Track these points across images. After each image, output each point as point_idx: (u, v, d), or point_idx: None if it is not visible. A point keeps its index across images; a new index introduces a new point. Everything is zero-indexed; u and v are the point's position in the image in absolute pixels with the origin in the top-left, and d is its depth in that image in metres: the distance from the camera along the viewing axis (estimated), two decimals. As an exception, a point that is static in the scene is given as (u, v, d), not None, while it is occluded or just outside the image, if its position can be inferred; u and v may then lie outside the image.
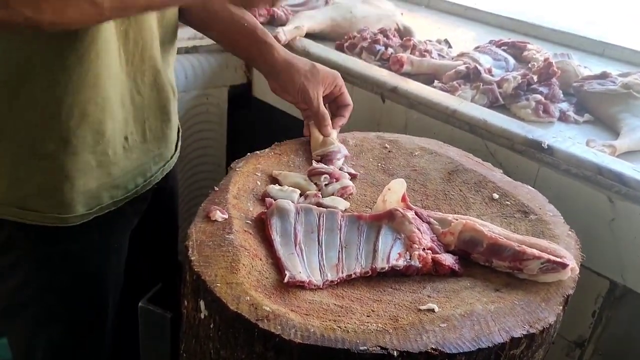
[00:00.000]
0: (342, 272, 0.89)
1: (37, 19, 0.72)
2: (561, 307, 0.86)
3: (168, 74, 1.16)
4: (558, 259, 0.90)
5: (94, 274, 1.14)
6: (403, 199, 1.03)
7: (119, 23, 0.98)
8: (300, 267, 0.88)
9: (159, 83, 1.12)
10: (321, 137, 1.22)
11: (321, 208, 1.00)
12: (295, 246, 0.92)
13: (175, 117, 1.23)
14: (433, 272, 0.92)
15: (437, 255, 0.93)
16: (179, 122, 1.29)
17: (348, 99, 1.28)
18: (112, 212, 1.09)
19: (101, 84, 0.98)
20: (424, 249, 0.93)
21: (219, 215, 0.96)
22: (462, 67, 1.65)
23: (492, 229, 0.96)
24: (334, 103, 1.29)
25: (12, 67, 0.92)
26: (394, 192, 1.03)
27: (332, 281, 0.88)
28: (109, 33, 0.96)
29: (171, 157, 1.25)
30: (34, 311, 1.12)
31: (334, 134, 1.24)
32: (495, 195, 1.12)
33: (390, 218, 0.98)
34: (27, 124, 0.96)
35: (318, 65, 1.25)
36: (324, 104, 1.25)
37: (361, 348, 0.75)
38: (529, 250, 0.91)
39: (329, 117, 1.24)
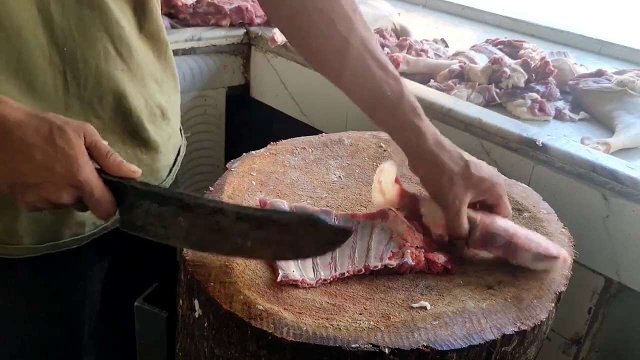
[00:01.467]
0: (336, 271, 0.90)
1: None
2: (553, 304, 0.86)
3: (153, 93, 1.04)
4: (549, 253, 0.90)
5: (67, 305, 1.06)
6: (396, 180, 1.02)
7: (62, 43, 0.89)
8: (293, 266, 0.89)
9: (124, 107, 0.98)
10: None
11: (315, 207, 1.01)
12: None
13: (159, 143, 1.08)
14: (426, 271, 0.93)
15: (429, 254, 0.94)
16: (180, 145, 1.19)
17: (505, 210, 0.98)
18: (74, 250, 0.99)
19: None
20: (417, 247, 0.94)
21: None
22: (456, 66, 1.66)
23: (485, 218, 0.96)
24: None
25: None
26: (388, 173, 1.01)
27: (325, 280, 0.88)
28: (39, 52, 0.87)
29: (161, 183, 1.12)
30: (7, 341, 1.05)
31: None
32: None
33: (383, 217, 0.99)
34: None
35: (475, 165, 0.95)
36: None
37: (353, 345, 0.75)
38: (521, 242, 0.91)
39: (466, 234, 0.95)
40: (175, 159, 1.16)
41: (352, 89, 0.98)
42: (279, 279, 0.86)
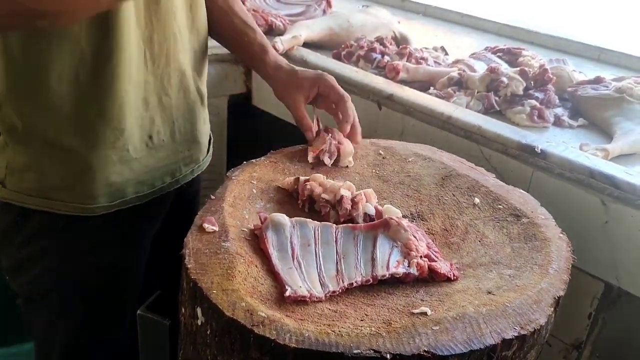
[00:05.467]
0: (343, 282, 0.90)
1: (38, 9, 0.76)
2: (552, 309, 0.87)
3: (196, 79, 1.22)
4: None
5: (113, 267, 1.18)
6: None
7: (144, 28, 1.06)
8: (300, 282, 0.89)
9: (185, 85, 1.18)
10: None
11: (316, 222, 1.01)
12: (293, 260, 0.93)
13: (204, 123, 1.29)
14: (429, 279, 0.94)
15: (433, 264, 0.94)
16: (210, 131, 1.36)
17: (338, 92, 1.25)
18: (136, 207, 1.15)
19: (119, 84, 1.04)
20: (421, 257, 0.95)
21: (207, 226, 0.98)
22: (455, 74, 1.67)
23: None
24: (330, 103, 1.28)
25: (35, 68, 0.99)
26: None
27: (334, 291, 0.89)
28: (132, 36, 1.03)
29: (202, 160, 1.31)
30: (53, 301, 1.17)
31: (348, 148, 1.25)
32: (477, 200, 1.14)
33: (385, 227, 1.00)
34: (51, 121, 1.03)
35: (299, 71, 1.28)
36: (321, 107, 1.30)
37: (355, 351, 0.76)
38: None
39: (311, 125, 1.27)
40: (209, 141, 1.35)
41: (222, 39, 1.34)
42: (286, 294, 0.86)
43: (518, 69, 1.66)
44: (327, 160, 1.22)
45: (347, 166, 1.24)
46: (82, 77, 1.01)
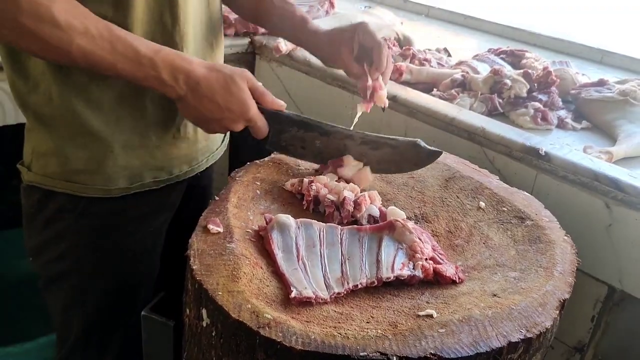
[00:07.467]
0: (348, 284, 0.90)
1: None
2: (557, 312, 0.87)
3: None
4: None
5: (130, 251, 1.21)
6: None
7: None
8: (305, 283, 0.89)
9: None
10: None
11: (321, 223, 1.01)
12: (298, 261, 0.93)
13: None
14: (434, 282, 0.94)
15: (438, 266, 0.94)
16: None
17: (373, 39, 1.21)
18: (153, 191, 1.18)
19: None
20: (426, 259, 0.95)
21: (212, 227, 0.98)
22: (459, 76, 1.67)
23: None
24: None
25: None
26: None
27: (339, 293, 0.89)
28: (150, 31, 1.06)
29: (217, 149, 1.33)
30: (72, 282, 1.19)
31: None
32: (482, 204, 1.14)
33: (390, 229, 1.00)
34: (76, 107, 1.06)
35: (336, 28, 1.28)
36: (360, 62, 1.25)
37: (361, 354, 0.76)
38: None
39: (364, 72, 1.23)
40: (223, 138, 1.38)
41: (262, 19, 1.38)
42: (292, 296, 0.85)
43: (521, 71, 1.66)
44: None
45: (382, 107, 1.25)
46: None
